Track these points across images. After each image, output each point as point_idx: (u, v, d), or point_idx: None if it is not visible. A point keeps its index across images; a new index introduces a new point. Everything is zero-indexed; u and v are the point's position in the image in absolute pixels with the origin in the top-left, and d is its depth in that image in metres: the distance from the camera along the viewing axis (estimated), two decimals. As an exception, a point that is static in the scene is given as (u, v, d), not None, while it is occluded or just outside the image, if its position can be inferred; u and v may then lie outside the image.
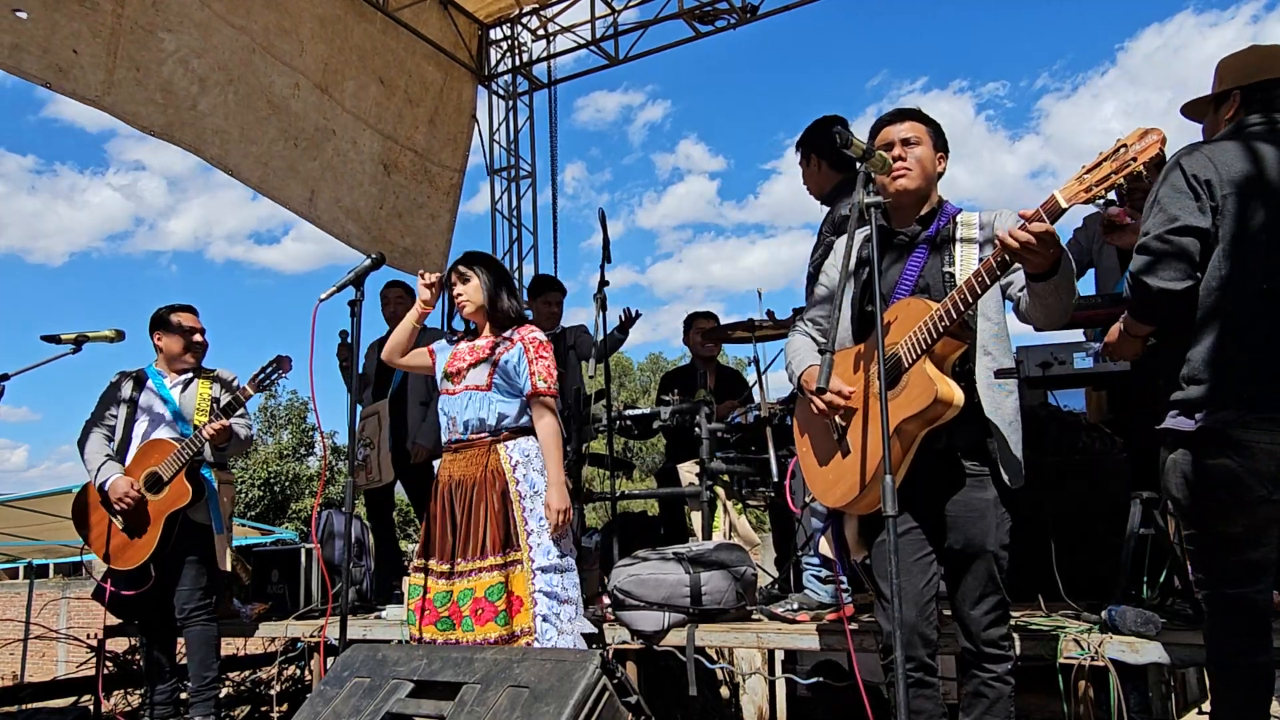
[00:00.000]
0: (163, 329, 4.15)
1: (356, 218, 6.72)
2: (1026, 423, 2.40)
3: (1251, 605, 2.14)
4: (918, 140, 2.41)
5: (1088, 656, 2.71)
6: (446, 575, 3.06)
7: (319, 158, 6.35)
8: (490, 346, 3.19)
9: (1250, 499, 2.09)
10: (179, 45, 5.28)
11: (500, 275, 3.31)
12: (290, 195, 6.18)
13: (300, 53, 6.08)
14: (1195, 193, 2.15)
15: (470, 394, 3.14)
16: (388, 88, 6.87)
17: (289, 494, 28.54)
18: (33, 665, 8.85)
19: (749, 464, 4.12)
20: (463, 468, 3.14)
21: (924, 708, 2.30)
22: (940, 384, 2.16)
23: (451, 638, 3.01)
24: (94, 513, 4.02)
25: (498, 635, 2.93)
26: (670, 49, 7.40)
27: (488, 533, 3.01)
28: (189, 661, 3.99)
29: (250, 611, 4.69)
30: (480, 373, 3.14)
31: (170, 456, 3.87)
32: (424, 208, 7.33)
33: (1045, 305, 2.16)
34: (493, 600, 2.96)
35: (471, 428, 3.14)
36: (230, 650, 5.83)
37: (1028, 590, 3.28)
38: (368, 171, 6.78)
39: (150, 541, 3.87)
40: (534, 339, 3.19)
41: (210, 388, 4.17)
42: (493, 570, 2.99)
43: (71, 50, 4.76)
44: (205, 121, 5.48)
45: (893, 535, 1.99)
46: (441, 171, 7.45)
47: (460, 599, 3.01)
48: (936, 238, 2.41)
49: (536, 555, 3.02)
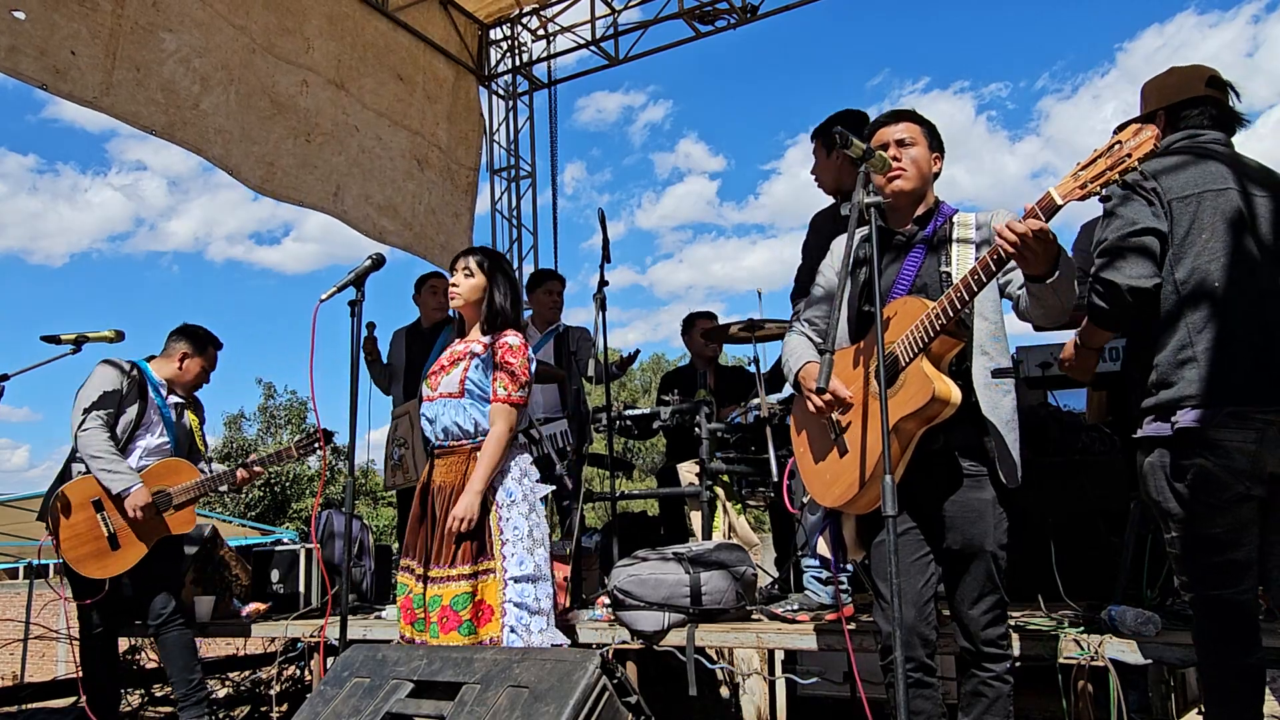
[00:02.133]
0: (196, 351, 4.08)
1: (393, 214, 6.68)
2: (1026, 423, 2.41)
3: (1237, 607, 2.16)
4: (912, 141, 2.42)
5: (1087, 656, 2.71)
6: (420, 578, 3.05)
7: (344, 153, 6.31)
8: (467, 351, 3.14)
9: (1229, 497, 2.13)
10: (180, 45, 5.27)
11: (503, 275, 3.24)
12: (308, 192, 6.12)
13: (307, 50, 6.06)
14: (1147, 199, 2.24)
15: (445, 401, 3.09)
16: (407, 84, 6.85)
17: (289, 494, 28.55)
18: (32, 665, 8.84)
19: (749, 464, 4.13)
20: (443, 473, 3.10)
21: (923, 708, 2.30)
22: (937, 382, 2.17)
23: (426, 639, 3.00)
24: (79, 512, 3.81)
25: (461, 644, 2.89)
26: (670, 49, 7.42)
27: (461, 541, 2.97)
28: (170, 667, 3.93)
29: (250, 611, 4.69)
30: (453, 379, 3.09)
31: (190, 484, 3.84)
32: (449, 205, 7.33)
33: (1044, 305, 2.16)
34: (457, 610, 2.92)
35: (451, 435, 3.10)
36: (230, 650, 5.83)
37: (1027, 590, 3.28)
38: (400, 167, 6.75)
39: (134, 557, 3.80)
40: (505, 343, 3.09)
41: (196, 417, 4.20)
42: (460, 580, 2.95)
43: (69, 51, 4.74)
44: (207, 121, 5.46)
45: (892, 535, 1.99)
46: (460, 170, 7.46)
47: (430, 604, 2.99)
48: (934, 238, 2.41)
49: (510, 565, 2.97)
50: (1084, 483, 3.64)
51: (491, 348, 3.11)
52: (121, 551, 3.81)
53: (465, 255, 3.23)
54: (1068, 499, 3.55)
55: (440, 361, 3.22)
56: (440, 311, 5.17)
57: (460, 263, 3.21)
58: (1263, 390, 2.13)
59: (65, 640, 8.46)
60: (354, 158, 6.40)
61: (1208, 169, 2.26)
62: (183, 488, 3.83)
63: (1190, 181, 2.25)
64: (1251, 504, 2.14)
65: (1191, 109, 2.39)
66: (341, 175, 6.32)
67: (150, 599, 3.89)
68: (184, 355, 4.08)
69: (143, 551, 3.81)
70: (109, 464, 3.76)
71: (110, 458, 3.77)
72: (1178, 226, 2.22)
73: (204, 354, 4.10)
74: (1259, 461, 2.11)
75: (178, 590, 4.02)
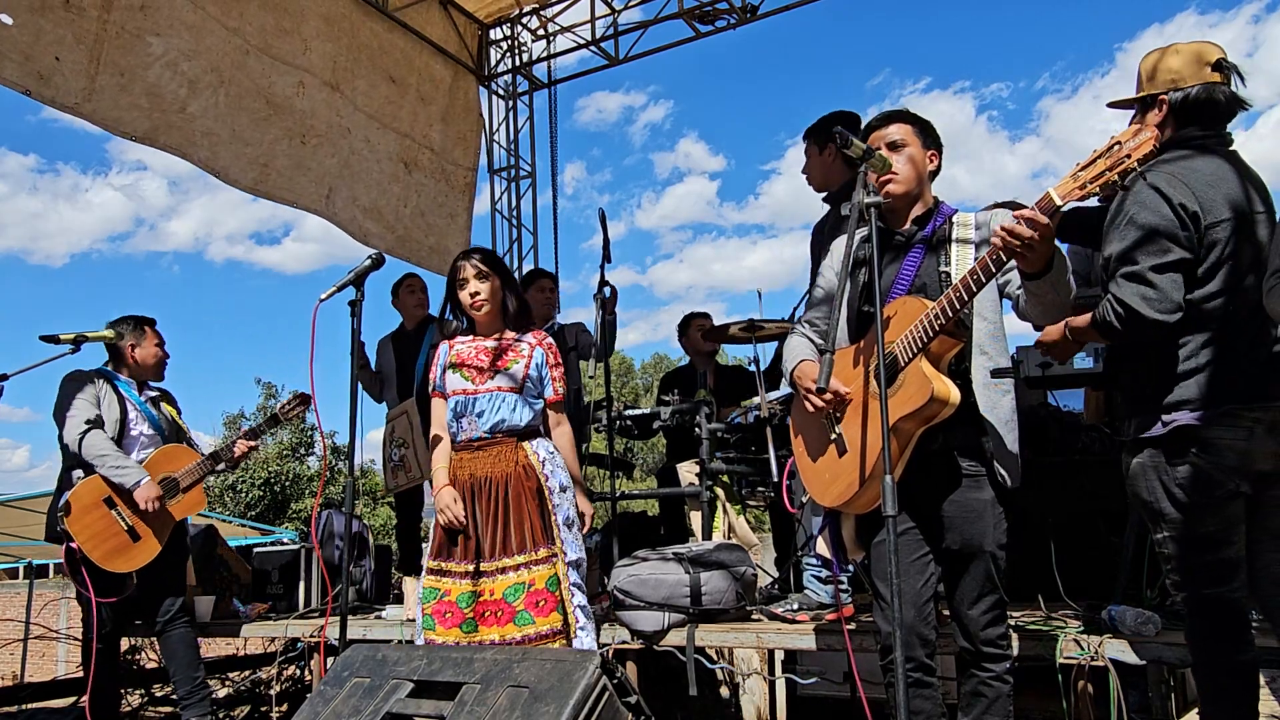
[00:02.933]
0: (137, 336, 4.06)
1: (377, 217, 6.68)
2: (1026, 423, 2.41)
3: (1229, 605, 2.17)
4: (905, 143, 2.42)
5: (1087, 656, 2.72)
6: (471, 575, 2.99)
7: (336, 155, 6.31)
8: (511, 348, 3.17)
9: (1221, 495, 2.14)
10: (167, 49, 5.24)
11: (507, 271, 3.30)
12: (301, 193, 6.12)
13: (304, 51, 6.05)
14: (1183, 222, 2.16)
15: (501, 395, 3.11)
16: (399, 86, 6.84)
17: (289, 494, 28.55)
18: (33, 665, 8.86)
19: (749, 464, 4.13)
20: (488, 465, 3.09)
21: (923, 708, 2.30)
22: (936, 382, 2.17)
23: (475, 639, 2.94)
24: (92, 511, 3.86)
25: (559, 625, 2.95)
26: (670, 49, 7.42)
27: (531, 526, 3.01)
28: (173, 665, 3.96)
29: (250, 611, 4.70)
30: (513, 375, 3.12)
31: (193, 465, 3.90)
32: (444, 206, 7.31)
33: (1043, 302, 2.17)
34: (553, 591, 2.97)
35: (500, 429, 3.11)
36: (230, 650, 5.84)
37: (1027, 590, 3.28)
38: (387, 170, 6.75)
39: (155, 546, 3.84)
40: (550, 344, 3.25)
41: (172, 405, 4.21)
42: (545, 563, 3.00)
43: (54, 57, 4.72)
44: (194, 124, 5.44)
45: (892, 535, 1.99)
46: (456, 170, 7.45)
47: (509, 595, 2.96)
48: (933, 238, 2.42)
49: (569, 549, 3.07)
50: (1084, 483, 3.64)
51: (546, 347, 3.21)
52: (142, 543, 3.87)
53: (464, 262, 3.19)
54: (1068, 499, 3.55)
55: (468, 357, 3.16)
56: (421, 309, 5.18)
57: (470, 269, 3.16)
58: (1252, 388, 2.14)
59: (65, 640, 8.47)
60: (345, 160, 6.40)
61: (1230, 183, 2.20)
62: (186, 470, 3.89)
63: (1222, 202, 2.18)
64: (1239, 501, 2.16)
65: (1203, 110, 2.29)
66: (334, 177, 6.32)
67: (158, 596, 3.93)
68: (131, 346, 4.07)
69: (165, 537, 3.86)
70: (115, 461, 3.80)
71: (115, 455, 3.82)
72: (1208, 253, 2.17)
73: (144, 334, 4.09)
74: (1248, 458, 2.13)
75: (182, 588, 4.06)
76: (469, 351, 3.18)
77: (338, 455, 28.00)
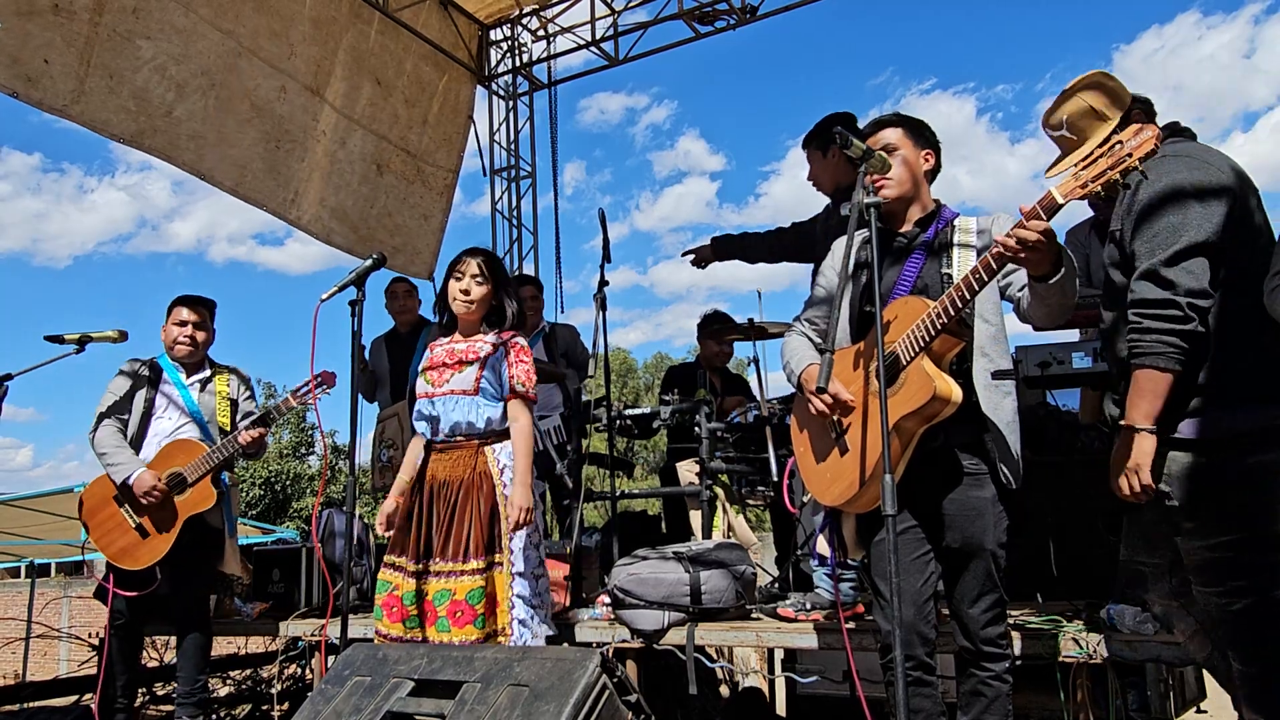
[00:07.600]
0: (167, 319, 4.07)
1: (343, 218, 6.70)
2: (1026, 422, 2.41)
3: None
4: (896, 146, 2.43)
5: (1086, 655, 2.72)
6: (416, 574, 3.04)
7: (306, 159, 6.32)
8: (474, 350, 3.16)
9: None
10: (157, 52, 5.25)
11: (508, 278, 3.30)
12: (268, 197, 6.13)
13: (290, 55, 6.06)
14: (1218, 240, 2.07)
15: (455, 398, 3.11)
16: (384, 88, 6.85)
17: (290, 493, 28.56)
18: (34, 664, 8.87)
19: (749, 463, 4.13)
20: (447, 468, 3.11)
21: (923, 706, 2.31)
22: (938, 380, 2.17)
23: (418, 636, 3.00)
24: (104, 509, 3.89)
25: (476, 637, 2.92)
26: (671, 49, 7.42)
27: (471, 535, 2.99)
28: (183, 663, 3.93)
29: (250, 611, 4.70)
30: (466, 377, 3.11)
31: (199, 458, 3.82)
32: (415, 207, 7.32)
33: (1048, 305, 2.17)
34: (473, 604, 2.95)
35: (459, 430, 3.12)
36: (230, 650, 5.84)
37: (1027, 589, 3.28)
38: (358, 172, 6.76)
39: (165, 543, 3.80)
40: (516, 342, 3.18)
41: (227, 385, 4.12)
42: (474, 574, 2.98)
43: (43, 60, 4.73)
44: (181, 127, 5.44)
45: (892, 534, 2.00)
46: (436, 172, 7.45)
47: (436, 599, 2.99)
48: (934, 242, 2.42)
49: (517, 560, 3.03)
50: (1084, 482, 3.64)
51: (504, 346, 3.16)
52: (151, 540, 3.84)
53: (469, 258, 3.19)
54: (1068, 499, 3.55)
55: (437, 359, 3.21)
56: (408, 314, 5.22)
57: (467, 268, 3.17)
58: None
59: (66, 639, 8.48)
60: (316, 162, 6.40)
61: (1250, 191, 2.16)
62: (194, 464, 3.84)
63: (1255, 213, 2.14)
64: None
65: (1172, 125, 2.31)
66: (303, 181, 6.32)
67: (183, 592, 3.88)
68: (164, 330, 4.07)
69: (174, 533, 3.82)
70: (112, 457, 3.83)
71: (113, 451, 3.83)
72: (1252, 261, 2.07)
73: (168, 315, 4.07)
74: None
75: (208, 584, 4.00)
76: (440, 354, 3.22)
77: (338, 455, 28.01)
